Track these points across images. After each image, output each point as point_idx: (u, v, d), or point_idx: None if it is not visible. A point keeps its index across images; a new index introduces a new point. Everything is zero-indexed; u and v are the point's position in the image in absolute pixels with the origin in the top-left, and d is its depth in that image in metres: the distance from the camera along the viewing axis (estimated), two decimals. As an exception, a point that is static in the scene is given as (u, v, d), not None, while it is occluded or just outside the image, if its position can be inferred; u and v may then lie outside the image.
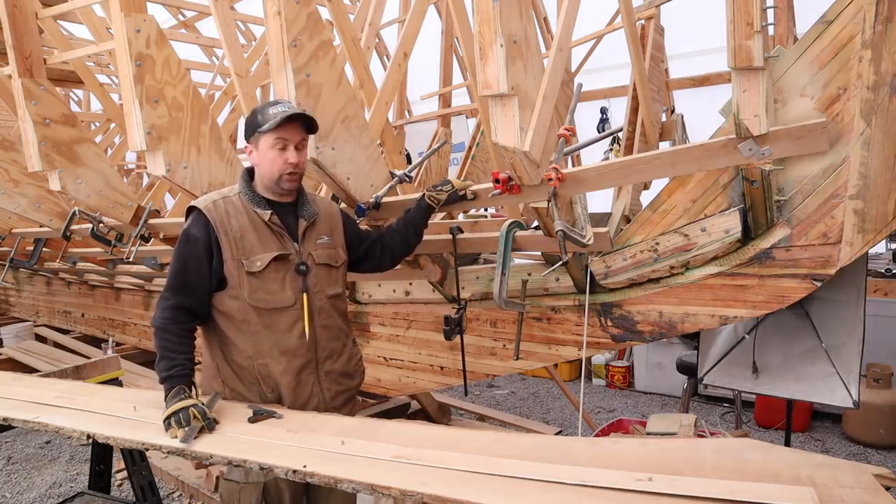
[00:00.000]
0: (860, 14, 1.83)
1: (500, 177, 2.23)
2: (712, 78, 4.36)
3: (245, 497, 2.22)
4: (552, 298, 2.78)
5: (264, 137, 2.11)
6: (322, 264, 2.24)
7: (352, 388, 2.38)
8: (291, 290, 2.17)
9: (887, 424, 4.34)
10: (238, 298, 2.14)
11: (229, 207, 2.16)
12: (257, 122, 2.12)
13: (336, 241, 2.32)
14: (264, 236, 2.15)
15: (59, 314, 7.10)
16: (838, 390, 2.61)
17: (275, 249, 2.15)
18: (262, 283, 2.13)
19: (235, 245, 2.12)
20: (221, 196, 2.21)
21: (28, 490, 4.27)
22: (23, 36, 3.29)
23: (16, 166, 4.05)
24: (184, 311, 2.12)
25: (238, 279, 2.12)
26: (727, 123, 1.96)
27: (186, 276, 2.12)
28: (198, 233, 2.12)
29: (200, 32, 7.00)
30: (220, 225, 2.12)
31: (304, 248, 2.21)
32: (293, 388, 2.19)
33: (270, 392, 2.19)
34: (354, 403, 2.45)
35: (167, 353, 2.07)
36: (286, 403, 2.20)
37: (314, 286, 2.21)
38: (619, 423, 3.72)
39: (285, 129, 2.10)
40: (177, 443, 1.87)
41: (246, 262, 2.12)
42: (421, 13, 3.41)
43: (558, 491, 1.42)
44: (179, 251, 2.15)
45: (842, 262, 2.09)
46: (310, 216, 2.24)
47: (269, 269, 2.13)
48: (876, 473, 1.36)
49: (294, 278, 2.18)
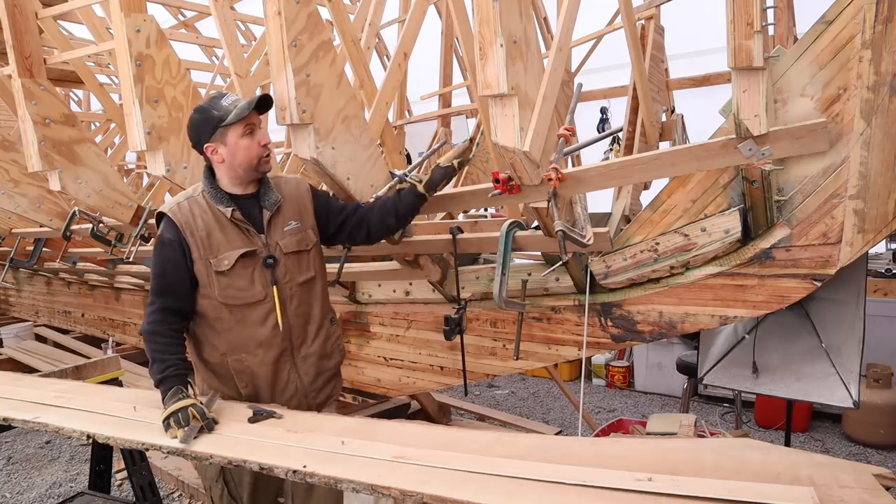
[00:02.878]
0: (860, 14, 1.83)
1: (500, 177, 2.23)
2: (712, 78, 4.36)
3: (210, 471, 2.30)
4: (552, 298, 2.78)
5: (231, 130, 2.11)
6: (291, 253, 2.24)
7: (331, 367, 2.40)
8: (261, 285, 2.18)
9: (887, 424, 4.33)
10: (209, 297, 2.16)
11: (194, 207, 2.16)
12: (215, 117, 2.10)
13: (306, 222, 2.30)
14: (230, 233, 2.16)
15: (59, 314, 7.10)
16: (838, 390, 2.61)
17: (241, 246, 2.16)
18: (231, 281, 2.15)
19: (202, 245, 2.13)
20: (186, 197, 2.21)
21: (28, 490, 4.27)
22: (23, 36, 3.29)
23: (16, 166, 4.05)
24: (170, 312, 2.14)
25: (207, 278, 2.14)
26: (727, 123, 1.96)
27: (167, 279, 2.15)
28: (171, 235, 2.14)
29: (200, 32, 6.99)
30: (185, 226, 2.13)
31: (270, 239, 2.21)
32: (270, 377, 2.24)
33: (245, 386, 2.23)
34: (337, 382, 2.46)
35: (158, 356, 2.08)
36: (265, 394, 2.24)
37: (283, 277, 2.22)
38: (619, 423, 3.72)
39: (250, 115, 2.12)
40: (176, 443, 1.87)
41: (214, 262, 2.13)
42: (421, 13, 3.41)
43: (558, 491, 1.42)
44: (157, 256, 2.17)
45: (842, 262, 2.09)
46: (273, 205, 2.23)
47: (237, 267, 2.15)
48: (876, 473, 1.36)
49: (262, 272, 2.19)
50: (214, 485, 2.31)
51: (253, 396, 2.24)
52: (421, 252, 2.87)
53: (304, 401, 2.30)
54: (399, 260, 2.98)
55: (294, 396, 2.29)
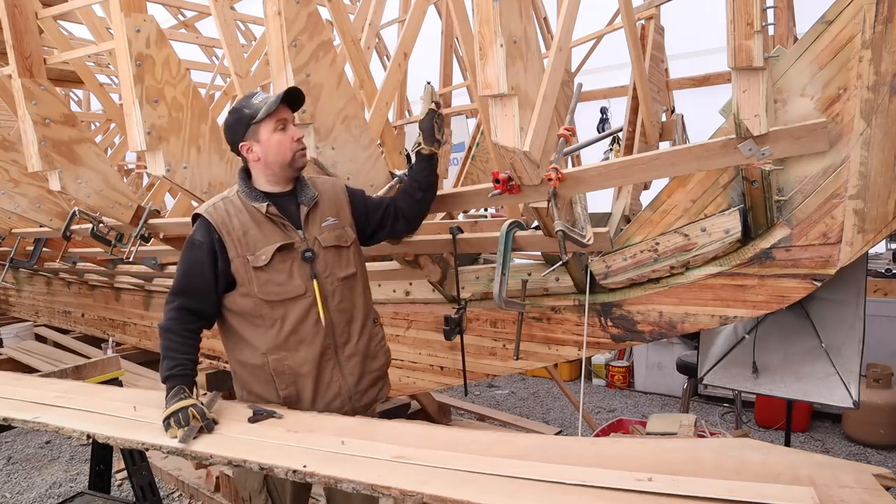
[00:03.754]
0: (860, 14, 1.83)
1: (500, 177, 2.23)
2: (712, 78, 4.36)
3: (250, 481, 2.27)
4: (552, 298, 2.78)
5: (263, 126, 2.11)
6: (330, 247, 2.22)
7: (376, 369, 2.35)
8: (300, 279, 2.16)
9: (887, 424, 4.34)
10: (249, 295, 2.14)
11: (229, 207, 2.17)
12: (247, 115, 2.11)
13: (343, 220, 2.28)
14: (266, 229, 2.15)
15: (59, 314, 7.10)
16: (838, 390, 2.61)
17: (278, 240, 2.14)
18: (269, 276, 2.13)
19: (239, 243, 2.13)
20: (221, 198, 2.22)
21: (28, 490, 4.27)
22: (23, 36, 3.29)
23: (16, 166, 4.05)
24: (187, 312, 2.13)
25: (246, 276, 2.13)
26: (727, 123, 1.96)
27: (190, 280, 2.14)
28: (201, 237, 2.13)
29: (200, 32, 6.99)
30: (221, 226, 2.13)
31: (308, 233, 2.19)
32: (314, 376, 2.19)
33: (285, 388, 2.18)
34: (383, 385, 2.40)
35: (169, 353, 2.10)
36: (307, 395, 2.19)
37: (323, 271, 2.19)
38: (619, 423, 3.72)
39: (280, 110, 2.12)
40: (176, 443, 1.87)
41: (251, 258, 2.12)
42: (421, 13, 3.41)
43: (558, 491, 1.42)
44: (183, 256, 2.17)
45: (842, 262, 2.09)
46: (310, 200, 2.22)
47: (275, 261, 2.13)
48: (876, 473, 1.36)
49: (301, 266, 2.16)
50: (257, 496, 2.27)
51: (294, 398, 2.19)
52: (421, 252, 2.87)
53: (347, 402, 2.25)
54: (399, 260, 2.98)
55: (337, 397, 2.23)
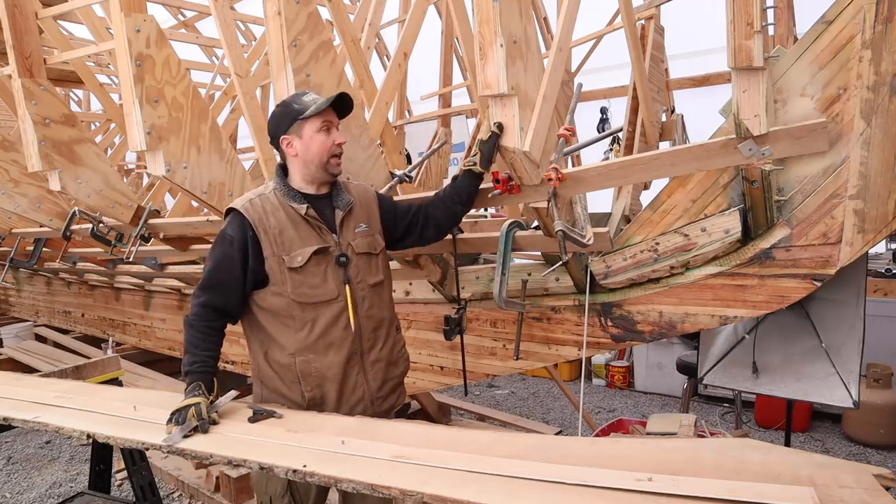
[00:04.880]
0: (860, 14, 1.83)
1: (500, 177, 2.23)
2: (712, 78, 4.36)
3: (272, 485, 2.27)
4: (552, 298, 2.78)
5: (308, 124, 2.11)
6: (362, 253, 2.22)
7: (396, 375, 2.37)
8: (334, 283, 2.16)
9: (887, 424, 4.34)
10: (282, 295, 2.14)
11: (266, 205, 2.16)
12: (295, 110, 2.11)
13: (374, 227, 2.29)
14: (303, 231, 2.15)
15: (59, 314, 7.10)
16: (838, 390, 2.61)
17: (314, 243, 2.14)
18: (304, 278, 2.13)
19: (275, 242, 2.12)
20: (257, 194, 2.20)
21: (28, 490, 4.27)
22: (23, 36, 3.29)
23: (16, 166, 4.05)
24: (212, 308, 2.13)
25: (280, 275, 2.13)
26: (727, 123, 1.96)
27: (218, 276, 2.13)
28: (233, 233, 2.13)
29: (200, 32, 7.00)
30: (258, 223, 2.12)
31: (343, 238, 2.20)
32: (340, 380, 2.19)
33: (310, 390, 2.18)
34: (402, 392, 2.42)
35: (191, 349, 2.11)
36: (331, 398, 2.20)
37: (356, 276, 2.20)
38: (619, 423, 3.72)
39: (327, 112, 2.12)
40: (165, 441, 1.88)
41: (287, 258, 2.12)
42: (421, 13, 3.41)
43: (558, 491, 1.42)
44: (214, 251, 2.16)
45: (842, 262, 2.09)
46: (346, 205, 2.22)
47: (311, 263, 2.13)
48: (876, 473, 1.36)
49: (335, 270, 2.17)
50: (279, 500, 2.27)
51: (318, 401, 2.19)
52: (421, 252, 2.87)
53: (370, 407, 2.26)
54: (399, 260, 2.98)
55: (361, 402, 2.24)
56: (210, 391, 2.06)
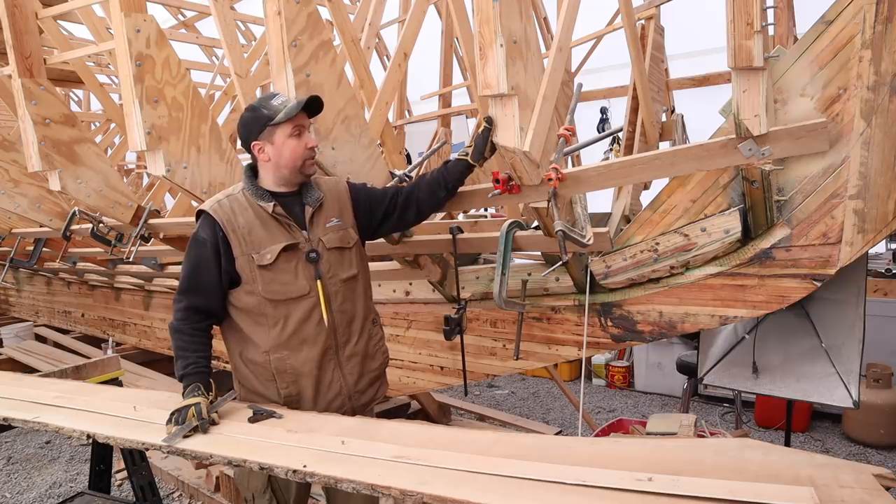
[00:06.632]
0: (860, 14, 1.83)
1: (500, 177, 2.23)
2: (712, 78, 4.36)
3: (253, 482, 2.28)
4: (552, 298, 2.78)
5: (279, 129, 2.11)
6: (333, 248, 2.23)
7: (374, 369, 2.37)
8: (305, 279, 2.17)
9: (887, 424, 4.33)
10: (253, 293, 2.15)
11: (234, 205, 2.17)
12: (264, 116, 2.11)
13: (346, 220, 2.29)
14: (272, 228, 2.16)
15: (59, 314, 7.10)
16: (838, 390, 2.61)
17: (283, 240, 2.15)
18: (274, 275, 2.14)
19: (244, 241, 2.13)
20: (226, 195, 2.22)
21: (28, 490, 4.27)
22: (23, 36, 3.29)
23: (16, 166, 4.05)
24: (195, 311, 2.14)
25: (251, 274, 2.14)
26: (727, 123, 1.96)
27: (197, 278, 2.15)
28: (205, 235, 2.14)
29: (200, 32, 7.00)
30: (227, 223, 2.13)
31: (313, 234, 2.20)
32: (315, 376, 2.20)
33: (286, 387, 2.19)
34: (381, 385, 2.42)
35: (181, 353, 2.12)
36: (308, 394, 2.20)
37: (327, 272, 2.21)
38: (619, 423, 3.72)
39: (298, 116, 2.12)
40: (165, 441, 1.88)
41: (256, 256, 2.13)
42: (421, 13, 3.41)
43: (558, 491, 1.42)
44: (189, 254, 2.18)
45: (842, 262, 2.09)
46: (315, 201, 2.23)
47: (280, 260, 2.14)
48: (876, 473, 1.36)
49: (306, 266, 2.17)
50: (261, 496, 2.29)
51: (294, 398, 2.20)
52: (421, 252, 2.87)
53: (347, 402, 2.27)
54: (399, 260, 2.98)
55: (338, 397, 2.25)
56: (208, 391, 2.06)
